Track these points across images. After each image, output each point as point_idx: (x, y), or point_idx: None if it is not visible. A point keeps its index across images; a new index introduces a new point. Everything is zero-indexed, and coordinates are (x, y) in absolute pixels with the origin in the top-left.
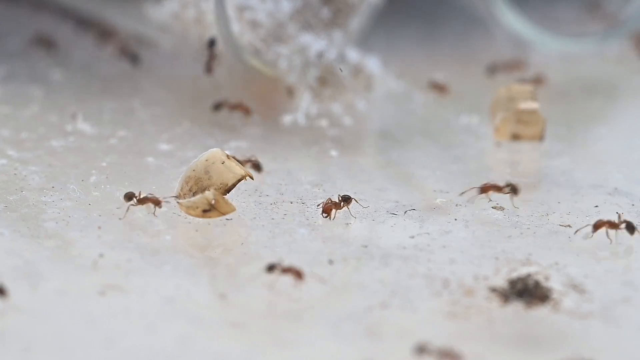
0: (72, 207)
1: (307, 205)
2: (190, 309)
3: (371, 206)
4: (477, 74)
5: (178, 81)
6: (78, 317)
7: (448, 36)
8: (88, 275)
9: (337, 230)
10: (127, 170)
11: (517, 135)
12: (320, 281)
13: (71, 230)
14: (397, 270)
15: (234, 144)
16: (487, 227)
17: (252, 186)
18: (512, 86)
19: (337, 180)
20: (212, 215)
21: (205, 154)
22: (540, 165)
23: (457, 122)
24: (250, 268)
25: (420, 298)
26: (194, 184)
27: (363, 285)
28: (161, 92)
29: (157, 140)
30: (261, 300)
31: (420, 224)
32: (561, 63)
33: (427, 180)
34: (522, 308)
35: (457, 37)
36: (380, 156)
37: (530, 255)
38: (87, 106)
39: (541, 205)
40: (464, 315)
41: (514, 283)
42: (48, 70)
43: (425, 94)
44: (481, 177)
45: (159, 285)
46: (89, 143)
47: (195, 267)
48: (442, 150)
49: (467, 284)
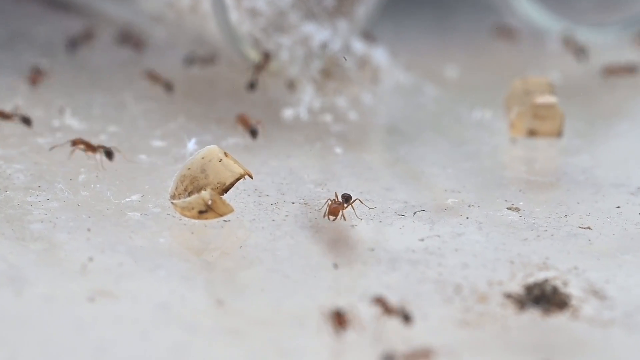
0: (59, 207)
1: (310, 206)
2: (185, 316)
3: (378, 207)
4: (491, 65)
5: (172, 74)
6: (66, 324)
7: (460, 25)
8: (77, 280)
9: (342, 233)
10: (118, 169)
11: (534, 131)
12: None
13: (58, 232)
14: (405, 275)
15: (232, 141)
16: (502, 229)
17: (252, 186)
18: (529, 78)
19: (342, 179)
20: (208, 216)
21: (201, 151)
22: (559, 163)
23: (470, 117)
24: (249, 272)
25: (430, 305)
26: (189, 183)
27: (370, 290)
28: (154, 85)
29: (150, 136)
30: (261, 306)
31: (430, 225)
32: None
33: (438, 178)
34: (538, 315)
35: (469, 26)
36: (388, 153)
37: (547, 259)
38: (76, 100)
39: (559, 205)
40: (477, 323)
41: (531, 289)
42: (34, 62)
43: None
44: (495, 175)
45: (152, 290)
46: None
47: (191, 271)
48: (454, 146)
49: (481, 289)
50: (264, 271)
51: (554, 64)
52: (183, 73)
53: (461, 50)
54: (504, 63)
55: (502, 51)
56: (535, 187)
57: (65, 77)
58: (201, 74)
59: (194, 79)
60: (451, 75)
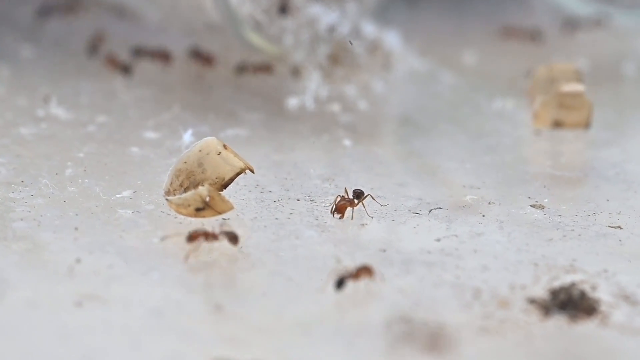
0: (44, 204)
1: (317, 203)
2: (180, 323)
3: (390, 204)
4: (513, 50)
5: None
6: (51, 332)
7: (479, 7)
8: (63, 283)
9: (351, 232)
10: (107, 162)
11: (560, 122)
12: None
13: (43, 231)
14: (420, 278)
15: (231, 132)
16: (525, 228)
17: (253, 181)
18: (554, 65)
19: (351, 173)
20: (206, 214)
21: (198, 144)
22: (586, 157)
23: (490, 106)
24: (250, 275)
25: (447, 310)
26: (185, 178)
27: (381, 295)
28: (147, 71)
29: (142, 127)
30: (262, 312)
31: (447, 224)
32: (610, 38)
33: (455, 174)
34: (565, 322)
35: (489, 8)
36: (401, 146)
37: (574, 261)
38: (62, 88)
39: (587, 203)
40: (498, 331)
41: (556, 293)
42: (16, 46)
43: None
44: (518, 170)
45: (145, 295)
46: (64, 130)
47: (187, 274)
48: (473, 139)
49: (502, 294)
50: (266, 274)
51: (582, 49)
52: (178, 57)
53: (480, 34)
54: (527, 48)
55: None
56: (561, 183)
57: (51, 63)
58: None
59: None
60: (469, 62)
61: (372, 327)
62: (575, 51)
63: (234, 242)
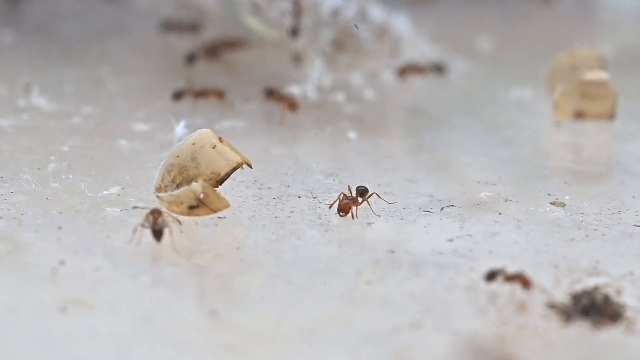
0: (25, 202)
1: (319, 200)
2: (172, 330)
3: (399, 202)
4: (532, 35)
5: (157, 45)
6: (33, 339)
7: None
8: (45, 287)
9: (357, 232)
10: (94, 156)
11: (582, 113)
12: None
13: (24, 231)
14: (431, 281)
15: (227, 124)
16: (544, 227)
17: (251, 176)
18: (576, 51)
19: (357, 168)
20: (200, 212)
21: (191, 136)
22: (611, 151)
23: (507, 96)
24: (248, 279)
25: (460, 316)
26: (177, 174)
27: (389, 300)
28: (136, 58)
29: (131, 118)
30: (261, 318)
31: (460, 223)
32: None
33: (469, 169)
34: (587, 329)
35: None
36: (410, 139)
37: (598, 263)
38: (44, 76)
39: (612, 200)
40: (516, 338)
41: (578, 298)
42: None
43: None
44: (536, 164)
45: (134, 300)
46: (46, 122)
47: (180, 277)
48: (488, 131)
49: (520, 299)
50: (265, 277)
51: (606, 34)
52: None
53: (496, 18)
54: (546, 33)
55: (545, 19)
56: (583, 179)
57: (32, 49)
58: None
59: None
60: (485, 48)
61: (379, 335)
62: (598, 36)
63: (157, 237)
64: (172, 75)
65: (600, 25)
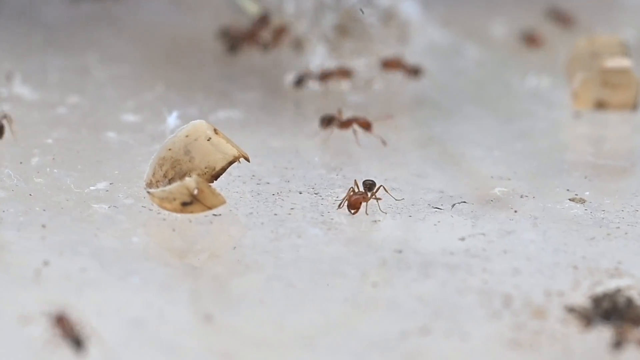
0: (6, 198)
1: (322, 197)
2: (164, 335)
3: (407, 198)
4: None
5: (148, 30)
6: (16, 344)
7: None
8: (28, 289)
9: (362, 230)
10: (80, 150)
11: (603, 103)
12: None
13: (6, 229)
14: (442, 283)
15: (223, 114)
16: (563, 225)
17: (248, 171)
18: (596, 37)
19: (361, 162)
20: (194, 209)
21: (185, 128)
22: (634, 143)
23: (523, 85)
24: (245, 280)
25: (472, 320)
26: (170, 168)
27: (397, 303)
28: (126, 44)
29: (120, 108)
30: (259, 323)
31: (472, 221)
32: None
33: (482, 163)
34: (609, 334)
35: None
36: (419, 131)
37: (620, 263)
38: (27, 63)
39: (634, 196)
40: (532, 344)
41: (599, 301)
42: None
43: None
44: (554, 158)
45: (124, 303)
46: (30, 113)
47: (172, 278)
48: (502, 123)
49: (536, 301)
50: (263, 279)
51: (628, 19)
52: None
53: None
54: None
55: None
56: (604, 174)
57: (15, 35)
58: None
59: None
60: (498, 33)
61: (386, 341)
62: (620, 21)
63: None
64: (164, 63)
65: (621, 10)
